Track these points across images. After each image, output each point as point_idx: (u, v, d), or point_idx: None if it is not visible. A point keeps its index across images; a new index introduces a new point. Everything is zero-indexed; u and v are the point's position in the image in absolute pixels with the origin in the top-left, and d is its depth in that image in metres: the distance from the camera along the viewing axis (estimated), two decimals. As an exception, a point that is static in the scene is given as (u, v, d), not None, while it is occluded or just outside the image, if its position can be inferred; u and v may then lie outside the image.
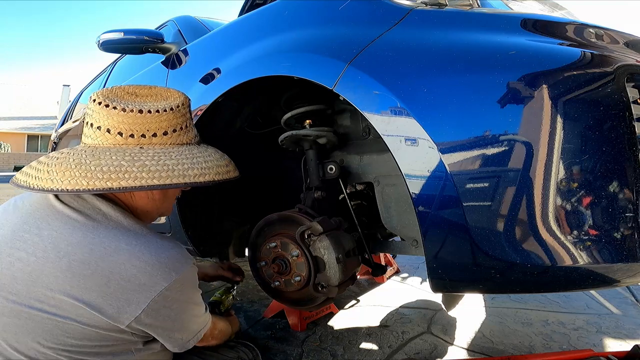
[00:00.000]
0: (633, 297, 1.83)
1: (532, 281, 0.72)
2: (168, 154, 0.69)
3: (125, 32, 1.48)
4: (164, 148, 0.70)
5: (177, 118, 0.73)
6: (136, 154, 0.66)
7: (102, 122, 0.68)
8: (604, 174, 0.67)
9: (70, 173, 0.62)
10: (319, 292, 1.01)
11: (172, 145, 0.72)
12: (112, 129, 0.68)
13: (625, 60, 0.72)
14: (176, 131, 0.73)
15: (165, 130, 0.71)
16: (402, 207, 1.03)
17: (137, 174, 0.63)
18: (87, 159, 0.65)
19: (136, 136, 0.69)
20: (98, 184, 0.62)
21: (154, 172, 0.65)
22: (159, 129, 0.70)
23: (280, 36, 1.06)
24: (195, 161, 0.71)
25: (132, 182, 0.63)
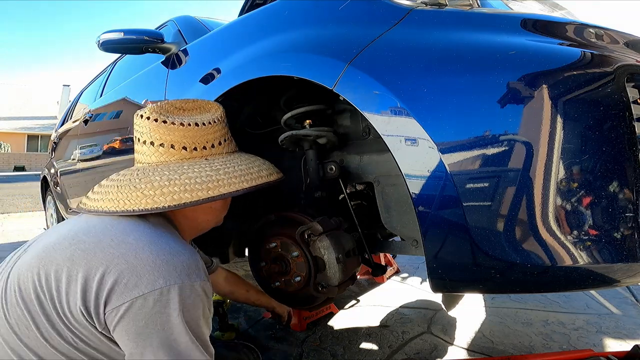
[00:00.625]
0: (633, 297, 1.83)
1: (532, 281, 0.72)
2: (233, 161, 0.74)
3: (125, 32, 1.48)
4: (223, 157, 0.75)
5: (224, 128, 0.79)
6: (208, 164, 0.70)
7: (164, 139, 0.70)
8: (604, 174, 0.67)
9: (167, 189, 0.65)
10: (319, 292, 1.01)
11: (227, 154, 0.77)
12: (176, 144, 0.70)
13: (625, 60, 0.72)
14: (226, 140, 0.79)
15: (220, 140, 0.76)
16: (402, 207, 1.03)
17: (227, 180, 0.68)
18: (174, 175, 0.67)
19: (199, 149, 0.72)
20: (201, 194, 0.65)
21: (239, 176, 0.70)
22: (215, 140, 0.75)
23: (280, 36, 1.06)
24: (257, 164, 0.77)
25: (228, 188, 0.67)
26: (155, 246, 0.60)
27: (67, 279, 0.57)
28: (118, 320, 0.55)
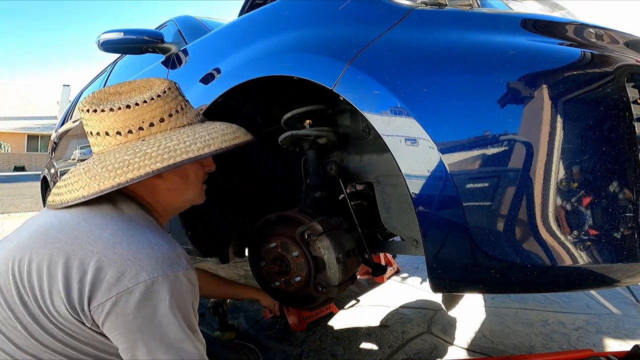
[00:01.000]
0: (633, 297, 1.83)
1: (532, 281, 0.72)
2: (169, 137, 0.69)
3: (125, 32, 1.48)
4: (165, 134, 0.70)
5: (168, 103, 0.73)
6: (138, 146, 0.67)
7: (99, 128, 0.69)
8: (604, 174, 0.67)
9: (82, 181, 0.64)
10: (319, 292, 1.01)
11: (173, 130, 0.72)
12: (110, 131, 0.69)
13: (625, 60, 0.72)
14: (172, 115, 0.73)
15: (161, 117, 0.71)
16: (402, 207, 1.03)
17: (140, 162, 0.64)
18: (95, 164, 0.66)
19: (134, 131, 0.69)
20: (108, 183, 0.62)
21: (156, 156, 0.64)
22: (153, 118, 0.70)
23: (280, 36, 1.06)
24: (198, 136, 0.71)
25: (137, 172, 0.63)
26: (133, 240, 0.60)
27: (48, 278, 0.57)
28: (105, 316, 0.55)
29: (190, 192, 0.80)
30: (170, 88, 0.74)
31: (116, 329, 0.56)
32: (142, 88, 0.76)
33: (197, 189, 0.81)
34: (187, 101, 0.79)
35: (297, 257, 1.02)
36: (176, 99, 0.75)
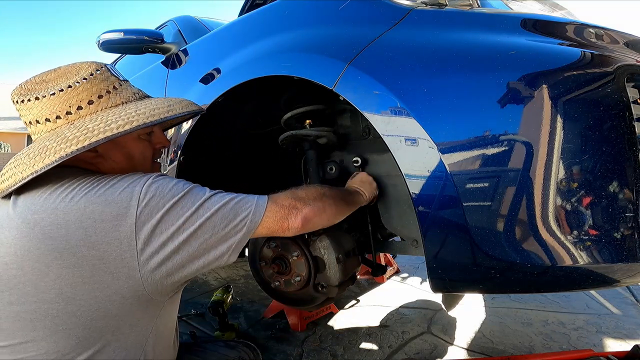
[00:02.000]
0: (633, 297, 1.83)
1: (532, 281, 0.72)
2: (95, 119, 0.68)
3: (125, 32, 1.48)
4: (93, 116, 0.69)
5: (96, 85, 0.71)
6: (62, 131, 0.66)
7: (29, 117, 0.69)
8: (604, 174, 0.67)
9: (11, 170, 0.65)
10: (319, 292, 1.01)
11: (104, 110, 0.70)
12: (40, 119, 0.69)
13: (625, 60, 0.72)
14: (102, 97, 0.71)
15: (89, 99, 0.70)
16: (402, 207, 1.03)
17: (57, 147, 0.63)
18: (22, 153, 0.67)
19: (62, 116, 0.68)
20: (27, 171, 0.63)
21: (72, 139, 0.63)
22: (81, 101, 0.69)
23: (280, 36, 1.06)
24: (124, 114, 0.69)
25: (52, 157, 0.62)
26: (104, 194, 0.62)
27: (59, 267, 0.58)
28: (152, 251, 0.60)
29: (139, 170, 0.76)
30: (98, 70, 0.73)
31: (173, 233, 0.62)
32: (68, 74, 0.74)
33: (147, 168, 0.79)
34: (123, 81, 0.77)
35: (297, 257, 1.02)
36: (106, 80, 0.73)
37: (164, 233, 0.62)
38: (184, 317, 1.64)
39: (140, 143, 0.76)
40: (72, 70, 0.74)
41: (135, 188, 0.62)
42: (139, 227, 0.60)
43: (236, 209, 0.68)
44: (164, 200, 0.63)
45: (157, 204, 0.62)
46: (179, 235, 0.62)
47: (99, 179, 0.64)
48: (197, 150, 1.28)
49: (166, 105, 0.74)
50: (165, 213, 0.62)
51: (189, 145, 1.24)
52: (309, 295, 1.06)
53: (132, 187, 0.62)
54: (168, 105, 0.74)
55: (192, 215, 0.64)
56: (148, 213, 0.61)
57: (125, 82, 0.77)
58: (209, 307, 1.44)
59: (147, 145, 0.79)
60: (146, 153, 0.79)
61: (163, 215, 0.62)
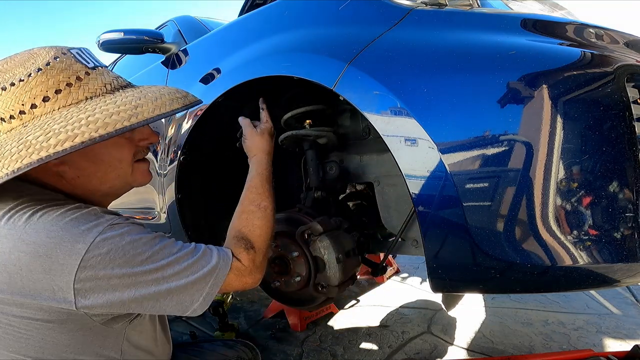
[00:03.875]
0: (633, 297, 1.83)
1: (532, 281, 0.72)
2: (53, 120, 0.56)
3: (125, 32, 1.48)
4: (49, 116, 0.57)
5: (55, 76, 0.58)
6: (16, 135, 0.55)
7: None
8: (604, 174, 0.67)
9: None
10: (319, 292, 1.01)
11: (65, 107, 0.57)
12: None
13: (625, 60, 0.72)
14: (61, 91, 0.58)
15: (44, 95, 0.57)
16: (402, 207, 1.03)
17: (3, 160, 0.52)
18: None
19: (16, 116, 0.57)
20: None
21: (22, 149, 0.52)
22: (35, 97, 0.57)
23: (280, 36, 1.06)
24: (76, 119, 0.55)
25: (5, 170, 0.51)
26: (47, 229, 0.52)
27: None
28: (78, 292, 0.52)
29: (114, 175, 0.66)
30: (57, 57, 0.59)
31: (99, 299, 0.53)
32: (26, 62, 0.60)
33: (125, 170, 0.67)
34: (94, 68, 0.62)
35: (297, 257, 1.01)
36: (67, 69, 0.59)
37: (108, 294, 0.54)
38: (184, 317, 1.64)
39: (114, 147, 0.64)
40: (30, 59, 0.60)
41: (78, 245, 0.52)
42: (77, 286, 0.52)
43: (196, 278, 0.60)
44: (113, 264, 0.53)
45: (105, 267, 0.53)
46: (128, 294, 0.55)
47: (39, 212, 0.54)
48: (197, 150, 1.28)
49: (151, 100, 0.60)
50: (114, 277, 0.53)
51: (189, 145, 1.24)
52: (309, 295, 1.06)
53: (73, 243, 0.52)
54: (154, 99, 0.61)
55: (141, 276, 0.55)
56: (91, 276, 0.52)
57: (97, 69, 0.62)
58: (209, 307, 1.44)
59: (125, 146, 0.66)
60: (124, 155, 0.66)
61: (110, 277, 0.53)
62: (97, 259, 0.53)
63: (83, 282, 0.52)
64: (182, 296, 0.60)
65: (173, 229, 1.38)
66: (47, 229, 0.52)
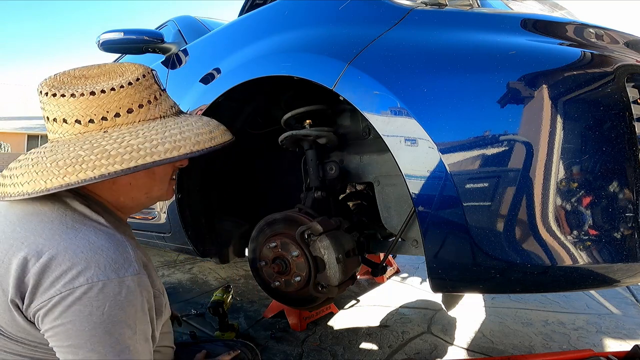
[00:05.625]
0: (633, 297, 1.83)
1: (532, 281, 0.72)
2: (135, 133, 0.61)
3: (125, 32, 1.48)
4: (131, 127, 0.62)
5: (139, 92, 0.64)
6: (98, 140, 0.59)
7: (56, 113, 0.61)
8: (604, 174, 0.67)
9: (29, 175, 0.57)
10: (319, 292, 1.01)
11: (142, 122, 0.63)
12: (69, 118, 0.61)
13: (625, 60, 0.72)
14: (143, 106, 0.64)
15: (129, 107, 0.63)
16: (402, 207, 1.03)
17: (96, 161, 0.56)
18: (45, 156, 0.58)
19: (96, 121, 0.61)
20: (56, 182, 0.55)
21: (115, 156, 0.57)
22: (120, 108, 0.62)
23: (280, 36, 1.06)
24: (168, 134, 0.62)
25: (92, 173, 0.55)
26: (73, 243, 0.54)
27: None
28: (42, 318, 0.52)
29: (157, 189, 0.72)
30: (144, 75, 0.66)
31: (51, 329, 0.52)
32: (112, 73, 0.67)
33: (164, 186, 0.73)
34: (162, 90, 0.70)
35: (297, 257, 1.02)
36: (150, 88, 0.66)
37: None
38: (184, 317, 1.64)
39: (168, 164, 0.69)
40: (117, 70, 0.68)
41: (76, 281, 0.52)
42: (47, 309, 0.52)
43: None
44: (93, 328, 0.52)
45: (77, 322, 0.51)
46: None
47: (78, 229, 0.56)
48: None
49: (207, 132, 0.67)
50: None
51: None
52: (309, 295, 1.06)
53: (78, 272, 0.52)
54: (209, 132, 0.67)
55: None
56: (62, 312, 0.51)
57: (164, 92, 0.71)
58: (209, 307, 1.44)
59: (170, 166, 0.72)
60: (168, 171, 0.73)
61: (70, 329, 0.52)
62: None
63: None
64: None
65: (173, 229, 1.38)
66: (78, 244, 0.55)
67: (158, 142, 0.60)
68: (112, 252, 0.55)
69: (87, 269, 0.52)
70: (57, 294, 0.51)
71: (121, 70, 0.68)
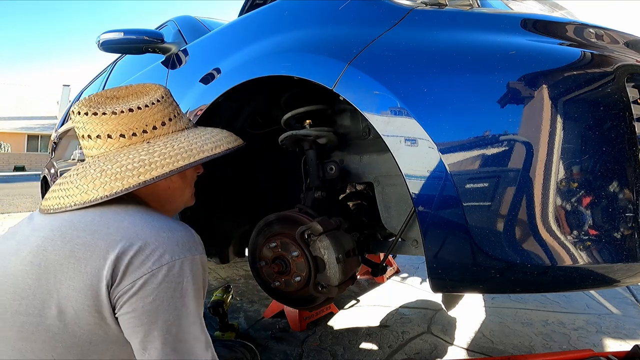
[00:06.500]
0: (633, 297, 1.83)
1: (532, 281, 0.72)
2: (177, 139, 0.72)
3: (125, 32, 1.48)
4: (169, 137, 0.73)
5: (167, 108, 0.75)
6: (150, 148, 0.68)
7: (99, 130, 0.69)
8: (604, 174, 0.67)
9: (99, 181, 0.64)
10: (319, 292, 1.01)
11: (174, 133, 0.75)
12: (113, 133, 0.69)
13: (625, 60, 0.72)
14: (172, 120, 0.76)
15: (162, 120, 0.74)
16: (402, 207, 1.03)
17: (161, 161, 0.66)
18: (107, 165, 0.66)
19: (138, 133, 0.71)
20: (132, 181, 0.64)
21: (174, 155, 0.68)
22: (156, 121, 0.72)
23: (280, 36, 1.06)
24: (205, 138, 0.75)
25: (161, 170, 0.65)
26: (151, 225, 0.61)
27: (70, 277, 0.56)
28: (127, 298, 0.56)
29: (187, 192, 0.82)
30: (167, 94, 0.77)
31: (134, 310, 0.56)
32: (138, 93, 0.78)
33: (191, 190, 0.84)
34: (179, 107, 0.82)
35: (297, 257, 1.01)
36: (172, 104, 0.78)
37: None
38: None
39: (193, 169, 0.81)
40: (142, 90, 0.78)
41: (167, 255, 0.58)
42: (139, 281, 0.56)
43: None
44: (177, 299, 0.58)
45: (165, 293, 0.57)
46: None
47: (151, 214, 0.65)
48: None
49: (228, 134, 0.81)
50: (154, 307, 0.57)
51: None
52: (309, 295, 1.06)
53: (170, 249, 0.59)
54: (229, 135, 0.81)
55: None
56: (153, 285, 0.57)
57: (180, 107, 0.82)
58: (209, 307, 1.44)
59: (194, 169, 0.83)
60: (193, 176, 0.84)
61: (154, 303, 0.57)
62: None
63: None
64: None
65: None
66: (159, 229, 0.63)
67: (203, 143, 0.73)
68: (184, 232, 0.63)
69: (170, 247, 0.59)
70: (148, 271, 0.56)
71: (145, 90, 0.79)
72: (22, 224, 0.70)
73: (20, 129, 24.36)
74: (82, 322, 0.56)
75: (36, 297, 0.57)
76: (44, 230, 0.62)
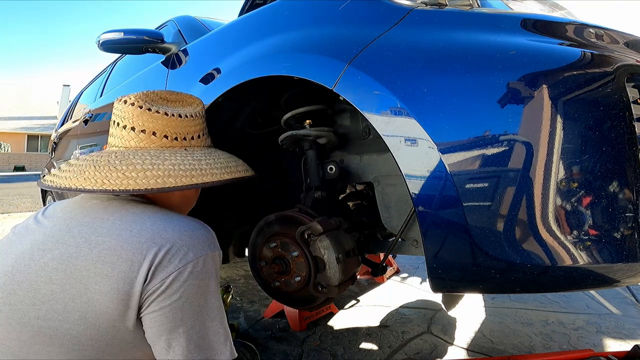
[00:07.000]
0: (633, 297, 1.83)
1: (532, 281, 0.72)
2: (211, 154, 0.76)
3: (125, 32, 1.48)
4: (204, 150, 0.77)
5: (202, 123, 0.81)
6: (187, 155, 0.72)
7: (147, 126, 0.72)
8: (604, 174, 0.67)
9: (151, 173, 0.67)
10: (319, 292, 1.01)
11: (205, 147, 0.80)
12: (158, 132, 0.72)
13: (625, 60, 0.72)
14: (204, 135, 0.81)
15: (199, 134, 0.79)
16: (402, 207, 1.03)
17: (209, 170, 0.71)
18: (155, 160, 0.69)
19: (179, 139, 0.75)
20: (185, 181, 0.68)
21: (220, 168, 0.73)
22: (195, 133, 0.78)
23: (280, 36, 1.06)
24: (234, 159, 0.80)
25: (211, 178, 0.71)
26: (173, 226, 0.62)
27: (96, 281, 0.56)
28: (155, 298, 0.57)
29: (192, 203, 0.86)
30: (204, 108, 0.84)
31: (162, 308, 0.58)
32: (184, 101, 0.83)
33: (192, 204, 0.87)
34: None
35: (297, 257, 1.01)
36: (205, 120, 0.84)
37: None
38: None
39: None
40: (187, 100, 0.84)
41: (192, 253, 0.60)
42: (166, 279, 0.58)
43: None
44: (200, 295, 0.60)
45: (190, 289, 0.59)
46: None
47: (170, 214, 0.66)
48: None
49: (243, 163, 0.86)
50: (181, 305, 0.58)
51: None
52: (309, 295, 1.06)
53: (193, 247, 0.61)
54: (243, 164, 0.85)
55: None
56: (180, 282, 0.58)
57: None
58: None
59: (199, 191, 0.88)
60: (196, 196, 0.88)
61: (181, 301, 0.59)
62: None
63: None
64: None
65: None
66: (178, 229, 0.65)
67: (236, 164, 0.81)
68: (203, 230, 0.65)
69: (193, 245, 0.61)
70: (175, 269, 0.58)
71: (190, 100, 0.85)
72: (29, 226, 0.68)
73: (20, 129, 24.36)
74: (103, 325, 0.57)
75: (58, 302, 0.57)
76: (63, 235, 0.62)
